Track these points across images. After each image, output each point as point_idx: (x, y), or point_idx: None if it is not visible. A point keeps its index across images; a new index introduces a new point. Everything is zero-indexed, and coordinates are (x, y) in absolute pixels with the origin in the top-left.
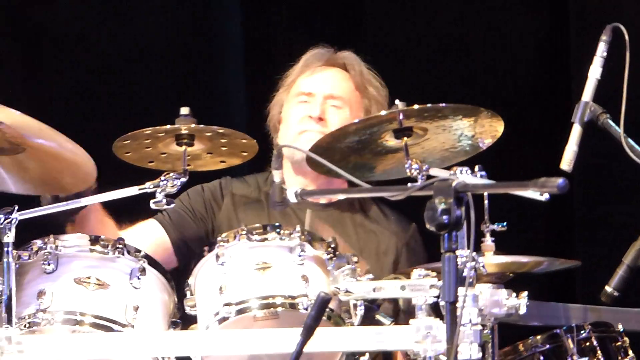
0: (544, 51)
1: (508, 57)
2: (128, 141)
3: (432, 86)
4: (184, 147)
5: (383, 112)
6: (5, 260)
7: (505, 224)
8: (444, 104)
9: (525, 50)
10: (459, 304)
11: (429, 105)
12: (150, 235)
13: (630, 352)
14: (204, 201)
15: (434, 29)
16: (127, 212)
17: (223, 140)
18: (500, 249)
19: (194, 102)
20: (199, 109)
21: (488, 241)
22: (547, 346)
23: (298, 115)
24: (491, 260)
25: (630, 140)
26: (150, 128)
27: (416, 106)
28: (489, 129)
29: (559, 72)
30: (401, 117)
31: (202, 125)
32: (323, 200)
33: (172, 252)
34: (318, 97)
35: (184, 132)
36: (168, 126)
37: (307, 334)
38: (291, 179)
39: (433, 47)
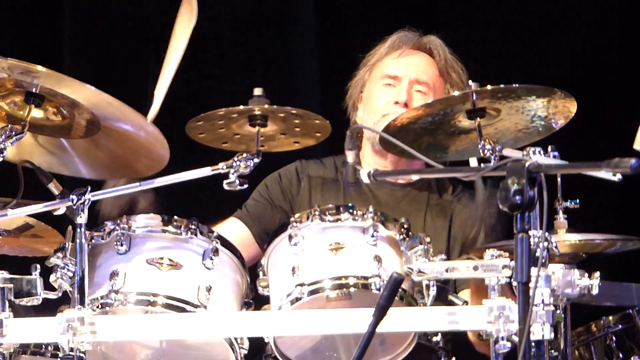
0: (618, 31)
1: (582, 36)
2: (201, 122)
3: (506, 66)
4: (257, 128)
5: (456, 93)
6: (78, 241)
7: (578, 201)
8: (517, 85)
9: (599, 30)
10: (531, 285)
11: (502, 85)
12: (232, 233)
13: None
14: (281, 189)
15: (508, 8)
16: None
17: (296, 121)
18: (573, 228)
19: (267, 83)
20: (272, 90)
21: (561, 219)
22: (620, 327)
23: (383, 99)
24: (564, 238)
25: None
26: (223, 109)
27: (489, 87)
28: (562, 110)
29: (633, 53)
30: (474, 97)
31: (275, 106)
32: (402, 180)
33: (256, 247)
34: (404, 81)
35: (257, 112)
36: (241, 107)
37: (380, 314)
38: (370, 159)
39: (507, 26)
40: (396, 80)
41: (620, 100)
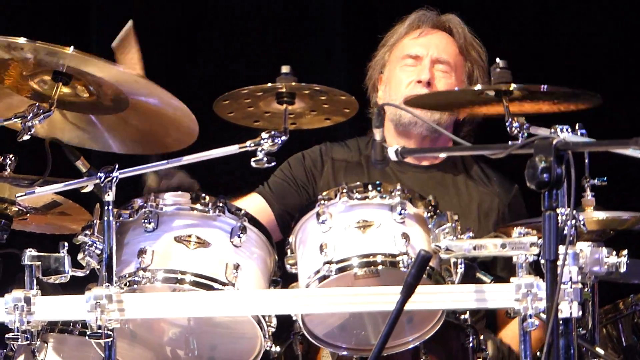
0: None
1: (608, 15)
2: (228, 101)
3: (530, 46)
4: (284, 106)
5: (478, 87)
6: (105, 219)
7: (605, 178)
8: (544, 88)
9: (625, 8)
10: (559, 262)
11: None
12: (253, 208)
13: None
14: (304, 169)
15: None
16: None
17: (323, 98)
18: (600, 205)
19: (296, 61)
20: (301, 68)
21: (588, 196)
22: None
23: (405, 79)
24: (592, 216)
25: None
26: (247, 87)
27: (513, 86)
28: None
29: None
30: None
31: (297, 83)
32: (425, 162)
33: (275, 225)
34: (426, 60)
35: (280, 90)
36: (267, 85)
37: (408, 292)
38: (393, 141)
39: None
40: (417, 60)
41: None
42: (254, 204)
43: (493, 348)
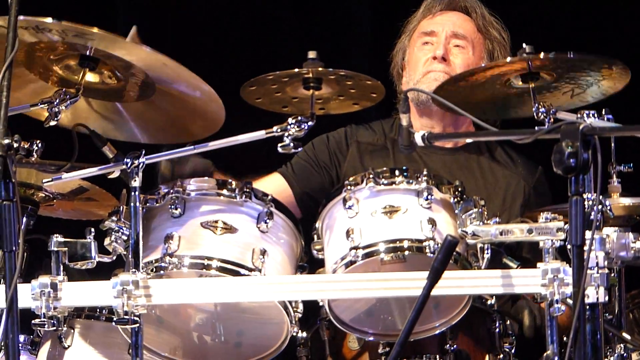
0: None
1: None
2: (254, 87)
3: (561, 29)
4: (311, 91)
5: (509, 59)
6: (132, 204)
7: (631, 165)
8: (573, 55)
9: None
10: (586, 248)
11: (551, 55)
12: (273, 189)
13: None
14: (328, 151)
15: None
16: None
17: (349, 83)
18: (626, 192)
19: (322, 46)
20: (326, 53)
21: (615, 182)
22: None
23: (422, 57)
24: (618, 202)
25: None
26: (273, 73)
27: (542, 55)
28: (617, 79)
29: None
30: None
31: (322, 69)
32: (449, 144)
33: (295, 205)
34: (441, 36)
35: (306, 75)
36: (292, 70)
37: (434, 277)
38: (416, 122)
39: None
40: (432, 36)
41: None
42: (275, 183)
43: (528, 315)
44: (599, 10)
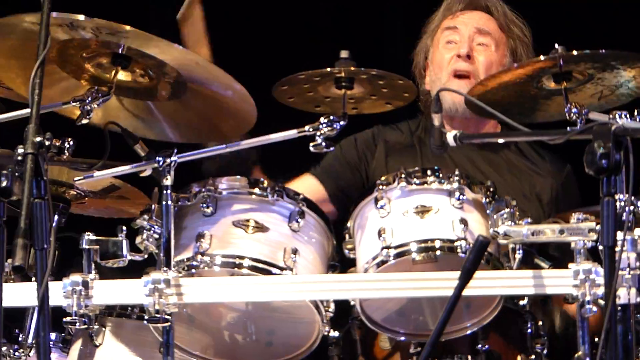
0: None
1: None
2: (286, 86)
3: (592, 29)
4: (343, 91)
5: (542, 57)
6: (164, 203)
7: None
8: (604, 51)
9: None
10: (617, 249)
11: (586, 51)
12: (306, 190)
13: None
14: (357, 151)
15: None
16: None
17: (381, 82)
18: None
19: (355, 46)
20: (359, 53)
21: None
22: None
23: (446, 56)
24: None
25: None
26: (303, 72)
27: (575, 52)
28: None
29: None
30: (561, 62)
31: (354, 68)
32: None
33: (330, 204)
34: (464, 34)
35: (337, 75)
36: (324, 70)
37: (466, 277)
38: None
39: None
40: (456, 34)
41: None
42: (307, 184)
43: (560, 318)
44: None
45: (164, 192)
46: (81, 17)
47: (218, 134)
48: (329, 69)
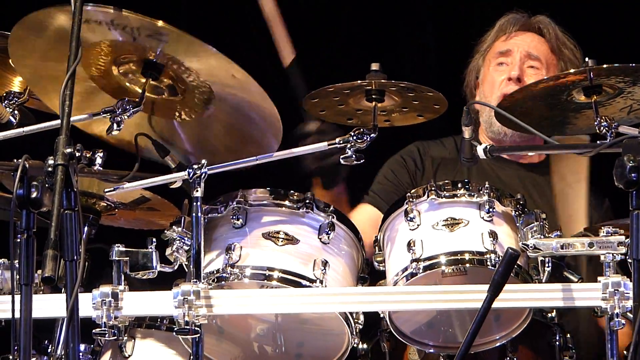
0: None
1: None
2: (317, 99)
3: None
4: (374, 103)
5: (572, 70)
6: (194, 214)
7: None
8: (635, 65)
9: None
10: None
11: (617, 65)
12: (368, 219)
13: None
14: (407, 171)
15: None
16: None
17: (411, 95)
18: None
19: (385, 58)
20: (390, 66)
21: None
22: None
23: (497, 79)
24: None
25: None
26: (333, 85)
27: (605, 65)
28: None
29: None
30: (591, 75)
31: (385, 81)
32: (524, 159)
33: None
34: (516, 57)
35: (367, 87)
36: (354, 82)
37: (495, 290)
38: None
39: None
40: (507, 57)
41: None
42: (366, 213)
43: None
44: None
45: (194, 204)
46: (127, 13)
47: (243, 154)
48: (359, 82)
